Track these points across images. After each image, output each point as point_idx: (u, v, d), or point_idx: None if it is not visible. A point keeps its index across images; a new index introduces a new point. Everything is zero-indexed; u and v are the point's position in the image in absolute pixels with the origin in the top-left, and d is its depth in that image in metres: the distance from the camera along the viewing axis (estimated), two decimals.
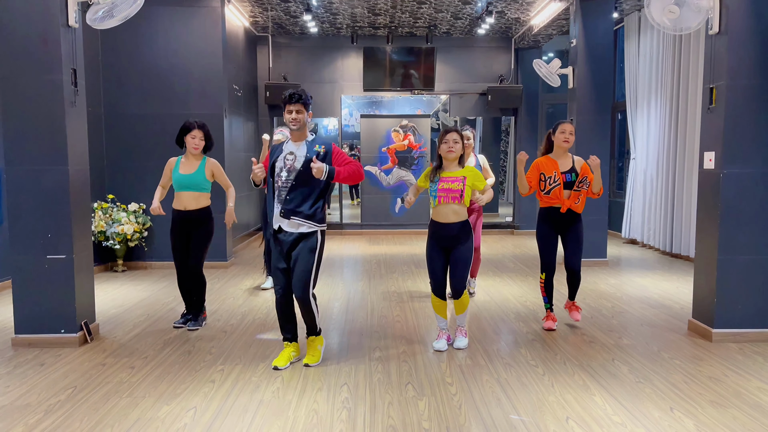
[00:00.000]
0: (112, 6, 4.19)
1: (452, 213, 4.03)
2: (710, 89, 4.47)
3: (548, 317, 4.80)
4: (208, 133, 4.71)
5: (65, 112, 4.22)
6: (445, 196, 4.01)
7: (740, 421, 3.10)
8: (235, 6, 8.54)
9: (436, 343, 4.25)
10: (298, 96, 3.71)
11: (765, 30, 4.26)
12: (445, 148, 4.06)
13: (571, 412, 3.21)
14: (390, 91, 10.72)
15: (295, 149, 3.78)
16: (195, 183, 4.65)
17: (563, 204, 4.55)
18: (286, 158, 3.76)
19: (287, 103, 3.72)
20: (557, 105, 11.17)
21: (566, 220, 4.62)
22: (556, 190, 4.54)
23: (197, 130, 4.62)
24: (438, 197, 4.03)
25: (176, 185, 4.67)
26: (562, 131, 4.55)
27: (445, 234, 4.05)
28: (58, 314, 4.30)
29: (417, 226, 10.78)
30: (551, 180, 4.55)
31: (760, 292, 4.43)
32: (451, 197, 4.01)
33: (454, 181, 4.02)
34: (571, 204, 4.56)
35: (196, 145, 4.63)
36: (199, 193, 4.67)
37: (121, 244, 6.95)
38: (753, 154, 4.34)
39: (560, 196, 4.54)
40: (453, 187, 4.01)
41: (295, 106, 3.71)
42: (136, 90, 7.26)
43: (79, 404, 3.30)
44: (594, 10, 7.50)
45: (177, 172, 4.67)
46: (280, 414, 3.19)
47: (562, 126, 4.58)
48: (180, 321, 4.82)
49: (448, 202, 4.02)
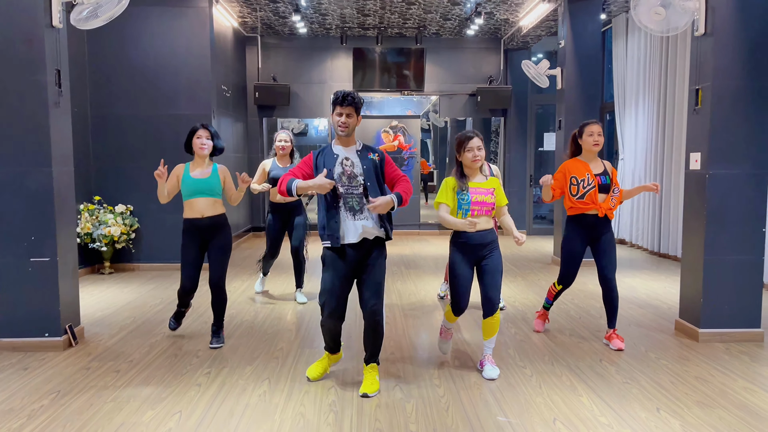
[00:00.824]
0: (96, 6, 4.15)
1: (484, 221, 3.68)
2: (696, 90, 4.49)
3: (543, 315, 4.72)
4: (215, 133, 4.39)
5: (49, 113, 4.17)
6: (479, 209, 3.65)
7: (726, 422, 3.11)
8: (224, 6, 8.49)
9: (444, 345, 4.09)
10: (351, 98, 3.36)
11: (750, 31, 4.29)
12: (470, 157, 3.65)
13: (558, 413, 3.21)
14: (380, 92, 10.71)
15: (349, 153, 3.46)
16: (210, 188, 4.27)
17: (600, 208, 4.19)
18: (344, 163, 3.43)
19: (338, 105, 3.38)
20: (546, 106, 11.20)
21: (600, 228, 4.25)
22: (591, 193, 4.18)
23: (202, 129, 4.29)
24: (471, 211, 3.64)
25: (189, 192, 4.24)
26: (590, 133, 4.22)
27: (477, 243, 3.68)
28: (42, 318, 4.25)
29: (406, 227, 10.78)
30: (584, 183, 4.19)
31: (746, 292, 4.46)
32: (485, 210, 3.67)
33: (486, 193, 3.68)
34: (608, 208, 4.21)
35: (202, 144, 4.25)
36: (214, 199, 4.29)
37: (108, 246, 6.89)
38: (738, 155, 4.36)
39: (596, 200, 4.18)
40: (486, 200, 3.67)
41: (345, 109, 3.38)
42: (123, 91, 7.20)
43: (62, 409, 3.26)
44: (582, 12, 7.53)
45: (188, 177, 4.26)
46: (266, 417, 3.16)
47: (589, 128, 4.24)
48: (173, 323, 4.57)
49: (481, 215, 3.67)
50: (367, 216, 3.41)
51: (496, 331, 3.78)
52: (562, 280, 4.47)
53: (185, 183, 4.27)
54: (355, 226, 3.40)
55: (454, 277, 3.73)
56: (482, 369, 3.79)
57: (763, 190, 4.42)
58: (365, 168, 3.42)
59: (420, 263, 7.84)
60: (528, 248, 9.23)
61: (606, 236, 4.28)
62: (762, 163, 4.38)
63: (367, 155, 3.47)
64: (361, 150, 3.50)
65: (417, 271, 7.31)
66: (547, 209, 11.64)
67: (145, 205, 7.24)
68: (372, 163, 3.44)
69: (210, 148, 4.31)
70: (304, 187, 3.36)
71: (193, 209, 4.27)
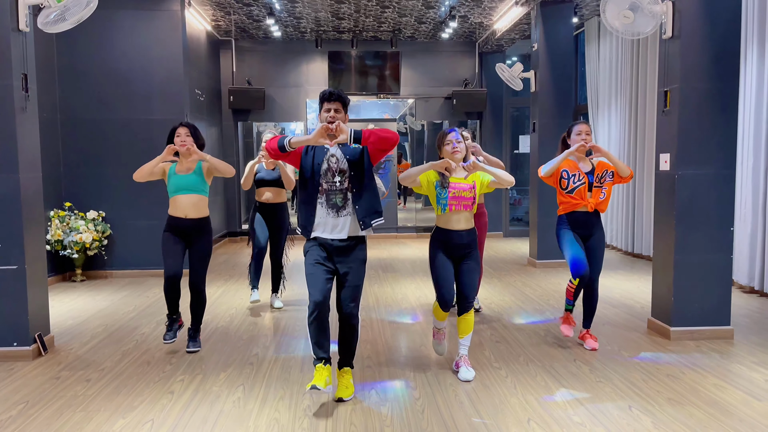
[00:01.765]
0: (64, 9, 4.09)
1: (464, 220, 3.73)
2: (665, 92, 4.57)
3: (567, 319, 4.43)
4: (195, 130, 4.31)
5: (15, 118, 4.09)
6: (456, 204, 3.69)
7: (697, 418, 3.16)
8: (196, 10, 8.42)
9: (439, 347, 4.04)
10: (338, 94, 3.37)
11: (717, 34, 4.38)
12: (450, 149, 3.71)
13: (532, 414, 3.23)
14: (356, 95, 10.71)
15: (334, 150, 3.41)
16: (193, 184, 4.24)
17: (588, 204, 4.27)
18: (330, 161, 3.38)
19: (325, 101, 3.36)
20: (521, 108, 11.31)
21: (590, 226, 4.31)
22: (580, 189, 4.26)
23: (181, 127, 4.25)
24: (449, 205, 3.69)
25: (173, 188, 4.24)
26: (578, 132, 4.31)
27: (456, 242, 3.73)
28: (9, 327, 4.15)
29: (384, 230, 10.78)
30: (575, 178, 4.27)
31: (715, 291, 4.54)
32: (463, 205, 3.70)
33: (466, 188, 3.71)
34: (596, 201, 4.27)
35: (182, 141, 4.20)
36: (198, 197, 4.27)
37: (80, 253, 6.77)
38: (706, 156, 4.45)
39: (584, 196, 4.27)
40: (465, 195, 3.70)
41: (333, 104, 3.34)
42: (94, 95, 7.09)
43: (31, 419, 3.19)
44: (554, 15, 7.62)
45: (173, 174, 4.26)
46: (240, 424, 3.13)
47: (577, 127, 4.33)
48: (169, 336, 4.29)
49: (459, 210, 3.71)
50: (350, 212, 3.37)
51: (470, 328, 3.81)
52: (575, 274, 4.22)
53: (170, 179, 4.27)
54: (336, 222, 3.37)
55: (436, 272, 3.76)
56: (458, 370, 3.81)
57: (731, 190, 4.51)
58: (348, 158, 3.38)
59: (397, 266, 7.85)
60: (504, 250, 9.29)
61: (596, 236, 4.33)
62: (729, 163, 4.47)
63: (349, 146, 3.40)
64: (344, 145, 3.41)
65: (394, 274, 7.32)
66: (523, 211, 11.73)
67: (117, 211, 7.14)
68: (354, 153, 3.40)
69: (191, 145, 4.25)
70: (302, 140, 3.30)
71: (177, 207, 4.25)
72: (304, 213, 3.43)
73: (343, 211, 3.37)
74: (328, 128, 3.25)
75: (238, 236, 10.65)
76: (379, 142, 3.32)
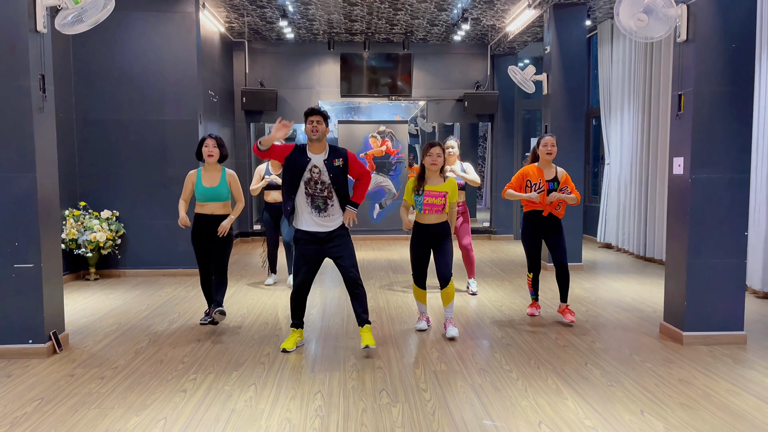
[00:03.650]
0: (81, 11, 4.14)
1: (435, 217, 4.56)
2: (678, 96, 4.55)
3: (533, 305, 5.41)
4: (221, 142, 4.93)
5: (33, 118, 4.14)
6: (429, 209, 4.52)
7: (709, 424, 3.15)
8: (210, 12, 8.49)
9: (418, 324, 4.89)
10: (318, 109, 4.21)
11: (731, 38, 4.35)
12: (429, 161, 4.51)
13: (543, 417, 3.23)
14: (367, 97, 10.74)
15: (317, 161, 4.19)
16: (220, 194, 4.89)
17: (545, 208, 5.02)
18: (313, 171, 4.17)
19: (308, 116, 4.19)
20: (533, 111, 11.30)
21: (548, 224, 5.09)
22: (541, 196, 4.98)
23: (209, 139, 4.88)
24: (423, 209, 4.53)
25: (201, 197, 4.86)
26: (544, 144, 5.04)
27: (430, 232, 4.57)
28: (25, 324, 4.20)
29: (395, 232, 10.79)
30: (536, 186, 4.99)
31: (729, 295, 4.51)
32: (435, 210, 4.53)
33: (437, 196, 4.50)
34: (552, 209, 5.03)
35: (210, 152, 4.84)
36: (223, 203, 4.93)
37: (94, 252, 6.84)
38: (720, 160, 4.42)
39: (543, 201, 4.99)
40: (437, 203, 4.51)
41: (315, 117, 4.17)
42: (109, 96, 7.16)
43: (46, 416, 3.23)
44: (567, 18, 7.60)
45: (200, 185, 4.87)
46: (252, 423, 3.15)
47: (543, 140, 5.05)
48: (205, 318, 5.08)
49: (432, 213, 4.54)
50: (331, 213, 4.23)
51: (452, 298, 4.68)
52: (530, 268, 5.29)
53: (198, 191, 4.88)
54: (318, 222, 4.23)
55: (413, 258, 4.68)
56: (445, 330, 4.69)
57: (745, 194, 4.48)
58: (332, 176, 4.19)
59: (407, 268, 7.85)
60: (515, 252, 9.27)
61: (555, 230, 5.12)
62: (743, 166, 4.45)
63: (332, 162, 4.20)
64: (327, 158, 4.21)
65: (405, 275, 7.33)
66: None
67: (131, 210, 7.21)
68: (337, 170, 4.21)
69: (217, 156, 4.89)
70: (268, 139, 4.06)
71: (204, 207, 4.91)
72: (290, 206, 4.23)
73: (324, 212, 4.22)
74: (283, 123, 4.06)
75: (250, 237, 10.71)
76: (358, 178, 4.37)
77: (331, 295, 6.22)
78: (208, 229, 4.87)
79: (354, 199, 4.31)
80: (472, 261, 6.20)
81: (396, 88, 10.69)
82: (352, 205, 4.27)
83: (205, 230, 4.87)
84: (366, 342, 4.20)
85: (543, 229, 5.12)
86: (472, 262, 6.21)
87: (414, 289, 4.78)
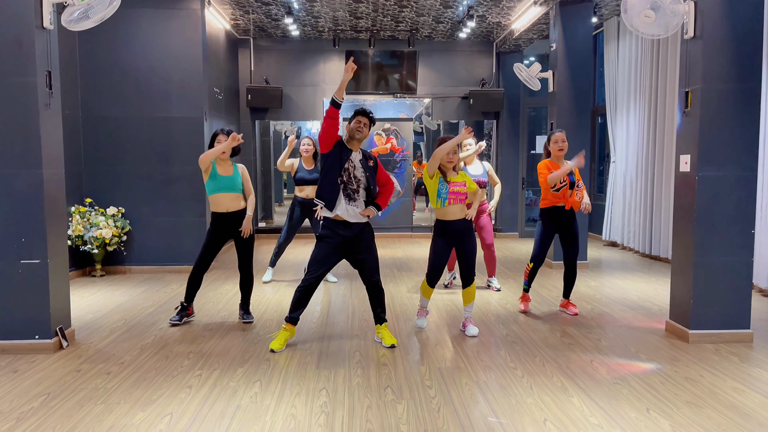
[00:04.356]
0: (87, 7, 4.14)
1: (459, 211, 4.54)
2: (686, 93, 4.53)
3: (524, 298, 5.45)
4: None
5: (39, 115, 4.15)
6: (455, 198, 4.50)
7: (715, 421, 3.14)
8: (216, 9, 8.49)
9: (419, 321, 4.89)
10: (369, 113, 4.34)
11: (739, 34, 4.33)
12: (446, 158, 4.49)
13: (548, 414, 3.22)
14: (372, 95, 10.72)
15: (354, 158, 4.32)
16: (234, 184, 4.90)
17: (567, 202, 5.10)
18: (350, 163, 4.30)
19: (360, 114, 4.32)
20: (539, 109, 11.25)
21: (568, 218, 5.16)
22: (564, 189, 5.07)
23: (222, 135, 4.87)
24: (449, 199, 4.50)
25: (216, 187, 4.82)
26: (555, 141, 5.12)
27: (456, 229, 4.54)
28: (32, 320, 4.22)
29: (399, 230, 10.79)
30: (561, 180, 5.05)
31: (735, 294, 4.49)
32: (459, 199, 4.52)
33: (461, 185, 4.54)
34: (574, 201, 5.10)
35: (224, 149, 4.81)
36: (236, 194, 4.91)
37: (100, 248, 6.86)
38: (727, 157, 4.40)
39: (566, 195, 5.09)
40: (461, 191, 4.53)
41: (364, 119, 4.31)
42: (115, 92, 7.17)
43: (52, 411, 3.25)
44: (573, 15, 7.57)
45: (216, 172, 4.83)
46: (257, 419, 3.16)
47: (554, 136, 5.14)
48: (175, 318, 4.94)
49: (456, 203, 4.51)
50: (358, 206, 4.30)
51: (473, 298, 4.69)
52: (534, 258, 5.30)
53: (214, 179, 4.83)
54: (347, 208, 4.27)
55: (433, 254, 4.61)
56: (465, 329, 4.72)
57: (752, 191, 4.45)
58: (367, 175, 4.33)
59: (412, 266, 7.85)
60: (520, 250, 9.26)
61: (572, 225, 5.17)
62: (750, 164, 4.42)
63: (367, 163, 4.36)
64: (362, 159, 4.35)
65: (409, 273, 7.32)
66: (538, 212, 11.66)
67: (136, 207, 7.22)
68: (370, 171, 4.36)
69: (230, 153, 4.93)
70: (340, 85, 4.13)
71: (219, 205, 4.87)
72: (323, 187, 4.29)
73: (354, 201, 4.29)
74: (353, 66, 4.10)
75: (265, 233, 10.70)
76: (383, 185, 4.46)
77: (335, 292, 6.22)
78: (228, 225, 4.88)
79: (378, 202, 4.40)
80: (494, 260, 6.25)
81: (401, 85, 10.68)
82: (376, 207, 4.36)
83: (226, 227, 4.88)
84: (390, 341, 4.35)
85: (561, 224, 5.17)
86: (494, 261, 6.26)
87: (423, 285, 4.74)
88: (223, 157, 4.86)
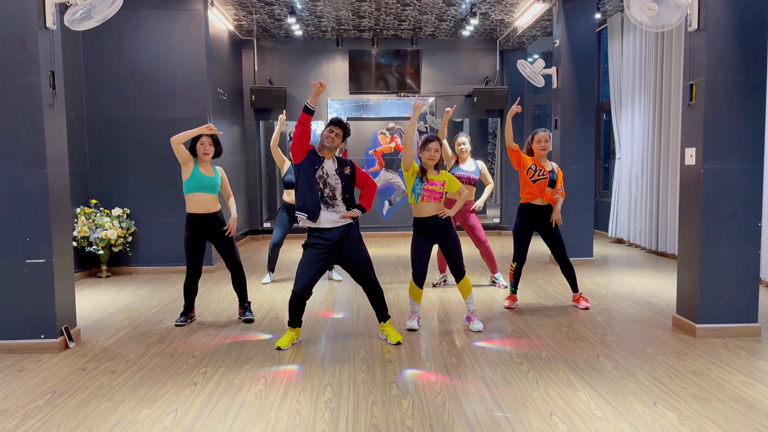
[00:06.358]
0: (90, 7, 4.16)
1: (433, 208, 4.55)
2: (690, 85, 4.50)
3: (511, 297, 5.44)
4: (216, 139, 4.88)
5: (43, 115, 4.17)
6: (428, 195, 4.52)
7: (723, 414, 3.11)
8: (219, 9, 8.51)
9: (409, 323, 4.75)
10: (345, 125, 4.38)
11: (743, 26, 4.30)
12: (427, 156, 4.51)
13: (554, 408, 3.20)
14: (376, 94, 10.72)
15: (328, 166, 4.31)
16: (214, 185, 4.85)
17: (544, 196, 5.15)
18: (323, 170, 4.28)
19: (333, 125, 4.35)
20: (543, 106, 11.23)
21: (543, 216, 5.21)
22: (542, 182, 5.12)
23: (206, 136, 4.79)
24: (422, 196, 4.52)
25: (197, 186, 4.75)
26: (538, 141, 5.16)
27: (432, 226, 4.56)
28: (37, 319, 4.24)
29: (405, 228, 10.78)
30: (540, 172, 5.13)
31: (742, 287, 4.45)
32: (434, 197, 4.54)
33: (437, 184, 4.54)
34: (550, 198, 5.17)
35: (206, 150, 4.78)
36: (215, 196, 4.88)
37: (105, 249, 6.88)
38: (733, 150, 4.36)
39: (543, 189, 5.13)
40: (436, 189, 4.54)
41: (337, 129, 4.33)
42: (119, 93, 7.20)
43: (57, 409, 3.25)
44: (577, 11, 7.55)
45: (198, 172, 4.77)
46: (262, 415, 3.15)
47: (537, 136, 5.17)
48: (181, 319, 4.94)
49: (431, 201, 4.52)
50: (337, 209, 4.30)
51: (470, 290, 4.68)
52: (516, 258, 5.33)
53: (194, 177, 4.75)
54: (325, 216, 4.27)
55: (413, 254, 4.62)
56: (470, 322, 4.74)
57: (758, 184, 4.42)
58: (343, 184, 4.32)
59: None
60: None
61: (549, 223, 5.22)
62: (756, 156, 4.39)
63: (343, 171, 4.34)
64: (337, 167, 4.33)
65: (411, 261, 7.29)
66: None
67: (141, 208, 7.24)
68: (347, 179, 4.35)
69: (212, 154, 4.84)
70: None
71: (199, 204, 4.80)
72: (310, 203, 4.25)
73: (332, 207, 4.28)
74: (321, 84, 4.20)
75: (260, 234, 10.73)
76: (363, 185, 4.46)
77: (340, 290, 6.22)
78: (208, 227, 4.84)
79: (362, 203, 4.39)
80: (492, 256, 6.14)
81: (405, 84, 10.67)
82: (360, 208, 4.35)
83: (205, 229, 4.83)
84: (395, 338, 4.35)
85: (538, 220, 5.21)
86: (492, 257, 6.16)
87: (411, 286, 4.68)
88: (205, 158, 4.78)
